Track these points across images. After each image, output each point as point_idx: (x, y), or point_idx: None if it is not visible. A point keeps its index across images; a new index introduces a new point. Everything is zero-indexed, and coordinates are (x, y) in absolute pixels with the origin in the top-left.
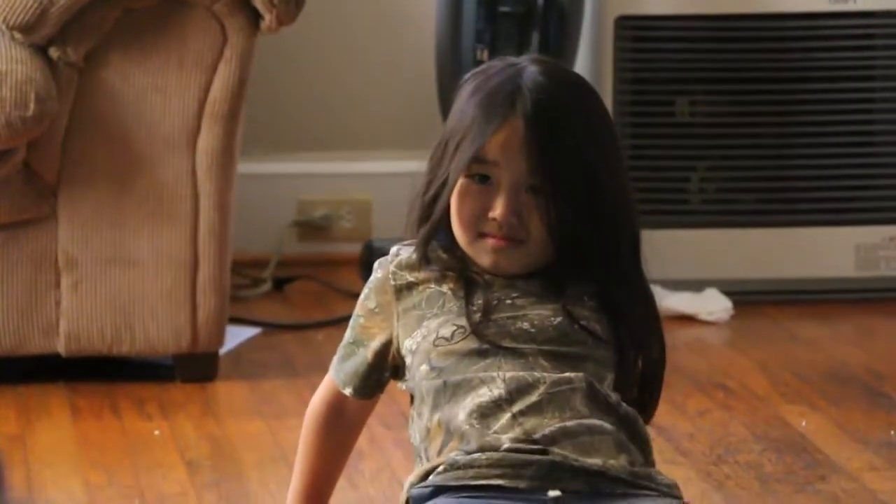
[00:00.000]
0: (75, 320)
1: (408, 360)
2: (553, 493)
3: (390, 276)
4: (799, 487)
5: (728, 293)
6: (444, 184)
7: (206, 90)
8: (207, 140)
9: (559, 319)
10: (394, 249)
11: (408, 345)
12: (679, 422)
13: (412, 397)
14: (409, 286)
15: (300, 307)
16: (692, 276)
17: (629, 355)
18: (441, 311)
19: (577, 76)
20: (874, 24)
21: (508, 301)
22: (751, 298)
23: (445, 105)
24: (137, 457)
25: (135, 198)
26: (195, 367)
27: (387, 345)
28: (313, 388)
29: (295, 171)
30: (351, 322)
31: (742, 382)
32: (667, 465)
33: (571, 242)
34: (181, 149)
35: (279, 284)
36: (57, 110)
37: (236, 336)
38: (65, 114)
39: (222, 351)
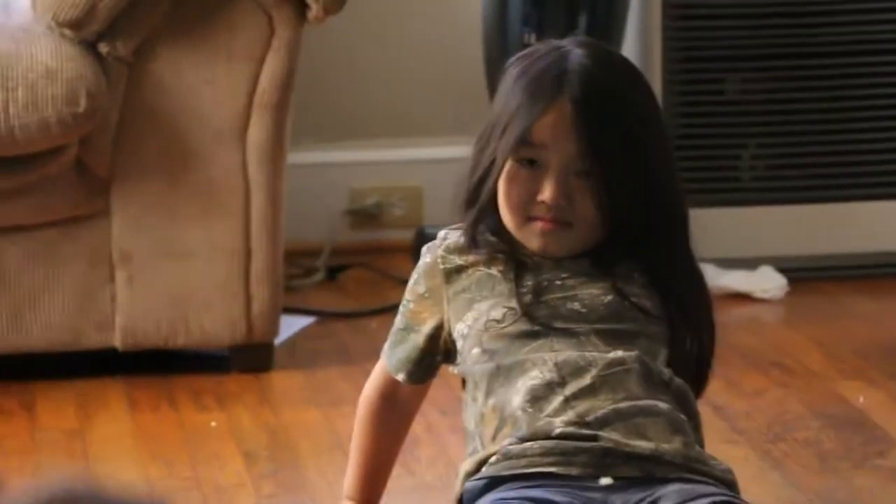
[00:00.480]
0: (130, 314)
1: (459, 344)
2: (605, 481)
3: (439, 259)
4: (857, 463)
5: (782, 270)
6: (490, 167)
7: (255, 82)
8: (257, 131)
9: (610, 297)
10: (441, 233)
11: (459, 328)
12: (735, 400)
13: (464, 382)
14: (459, 269)
15: (353, 295)
16: (745, 254)
17: (681, 331)
18: (491, 293)
19: (623, 58)
20: None
21: (558, 282)
22: (805, 275)
23: (493, 90)
24: (195, 448)
25: (186, 191)
26: (250, 357)
27: (438, 329)
28: (368, 375)
29: (345, 159)
30: (401, 308)
31: (798, 360)
32: (724, 445)
33: (622, 223)
34: (231, 141)
35: (332, 273)
36: (108, 106)
37: (291, 326)
38: (115, 109)
39: (277, 341)
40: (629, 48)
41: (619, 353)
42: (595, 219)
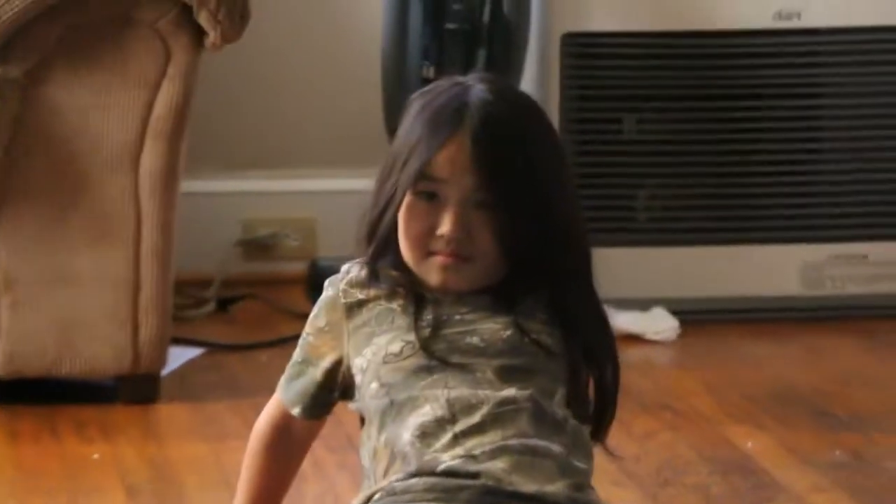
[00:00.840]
0: (14, 341)
1: (358, 379)
2: None
3: (341, 294)
4: None
5: (675, 312)
6: (390, 201)
7: (150, 108)
8: (150, 159)
9: (509, 332)
10: (345, 267)
11: (358, 363)
12: (625, 443)
13: (362, 419)
14: (360, 304)
15: (245, 327)
16: (639, 294)
17: (581, 370)
18: (391, 327)
19: (524, 94)
20: (819, 42)
21: (458, 316)
22: (698, 317)
23: (391, 123)
24: (76, 482)
25: (76, 217)
26: (137, 388)
27: (337, 364)
28: (258, 410)
29: (239, 189)
30: (300, 341)
31: (689, 403)
32: (613, 487)
33: (523, 258)
34: (124, 168)
35: (223, 304)
36: None
37: (179, 357)
38: (6, 131)
39: (165, 372)
40: (527, 85)
41: (512, 392)
42: (495, 253)
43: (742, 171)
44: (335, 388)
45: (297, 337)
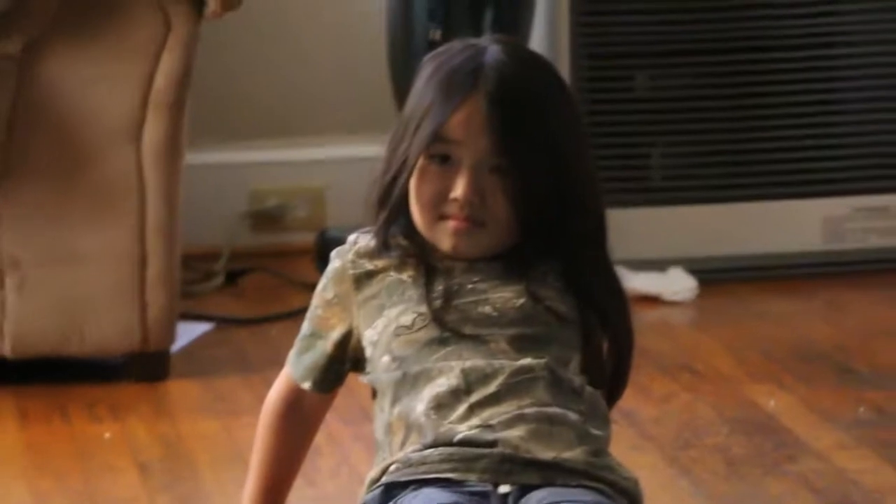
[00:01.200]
0: (21, 322)
1: (368, 352)
2: (503, 489)
3: (349, 264)
4: (767, 469)
5: (693, 272)
6: (402, 166)
7: (150, 80)
8: (153, 131)
9: (522, 301)
10: (351, 238)
11: (369, 335)
12: (644, 406)
13: (374, 391)
14: (369, 275)
15: (254, 301)
16: (655, 255)
17: (595, 336)
18: (401, 299)
19: (540, 56)
20: None
21: (470, 286)
22: (716, 276)
23: (398, 88)
24: (88, 461)
25: (79, 193)
26: (146, 366)
27: (347, 336)
28: (269, 384)
29: (245, 160)
30: (308, 314)
31: (708, 363)
32: (632, 452)
33: (537, 224)
34: (126, 141)
35: (232, 277)
36: None
37: (188, 332)
38: (4, 108)
39: (174, 348)
40: (536, 44)
41: (528, 361)
42: (508, 218)
43: (758, 125)
44: (346, 360)
45: (307, 309)
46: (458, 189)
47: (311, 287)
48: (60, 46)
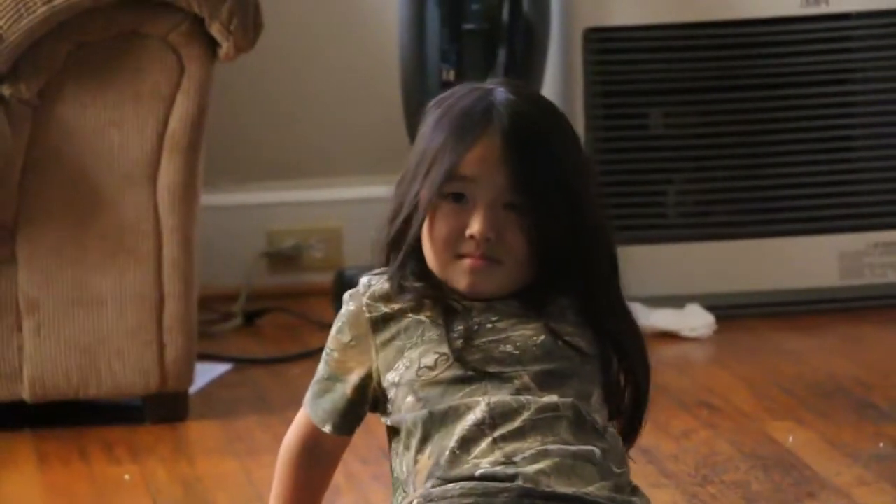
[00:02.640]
0: (39, 365)
1: (391, 394)
2: None
3: (364, 308)
4: None
5: (710, 308)
6: (416, 207)
7: (165, 122)
8: (168, 174)
9: (542, 337)
10: (364, 280)
11: (390, 378)
12: (663, 442)
13: (391, 430)
14: (385, 318)
15: (272, 341)
16: (673, 292)
17: (612, 369)
18: (421, 340)
19: (544, 97)
20: (849, 26)
21: (489, 325)
22: (734, 312)
23: (412, 128)
24: (107, 503)
25: (95, 236)
26: (165, 407)
27: (366, 379)
28: (288, 424)
29: (262, 200)
30: (323, 357)
31: (727, 399)
32: (651, 489)
33: (553, 260)
34: (141, 184)
35: (250, 318)
36: (11, 150)
37: (207, 373)
38: (20, 153)
39: (192, 389)
40: (551, 83)
41: (554, 399)
42: (525, 255)
43: (773, 161)
44: (365, 402)
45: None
46: (475, 226)
47: (329, 327)
48: (75, 90)
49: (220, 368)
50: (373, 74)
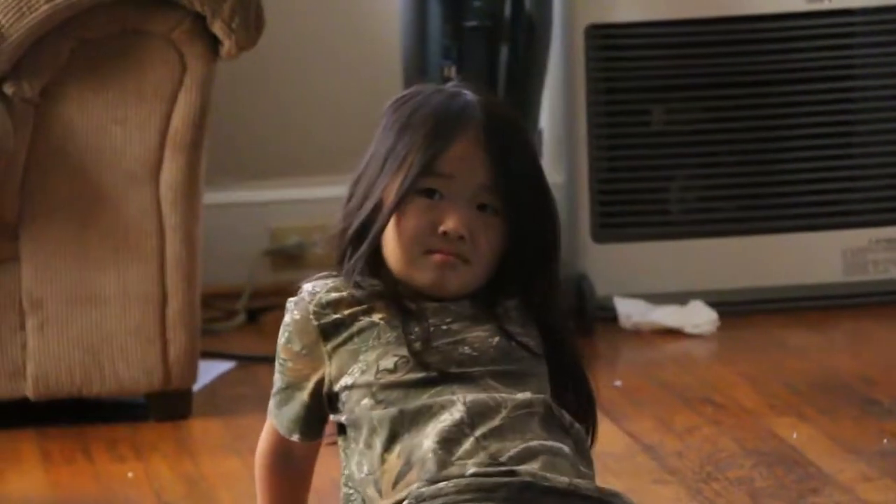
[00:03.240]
0: (43, 362)
1: (343, 396)
2: None
3: (312, 316)
4: (791, 502)
5: (713, 304)
6: (379, 204)
7: (167, 120)
8: (171, 171)
9: (497, 339)
10: (308, 287)
11: (343, 381)
12: (667, 439)
13: (341, 428)
14: (336, 323)
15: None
16: (676, 288)
17: (559, 369)
18: (377, 342)
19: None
20: (852, 22)
21: (444, 327)
22: (737, 309)
23: None
24: (111, 501)
25: (98, 234)
26: (168, 405)
27: (319, 384)
28: None
29: (265, 198)
30: (277, 367)
31: (730, 396)
32: (655, 485)
33: (514, 263)
34: (144, 182)
35: (253, 315)
36: (14, 148)
37: (210, 371)
38: (22, 151)
39: (196, 387)
40: (553, 80)
41: (528, 396)
42: (492, 256)
43: (776, 157)
44: (324, 406)
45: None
46: (450, 222)
47: None
48: (77, 89)
49: (224, 366)
50: (374, 71)
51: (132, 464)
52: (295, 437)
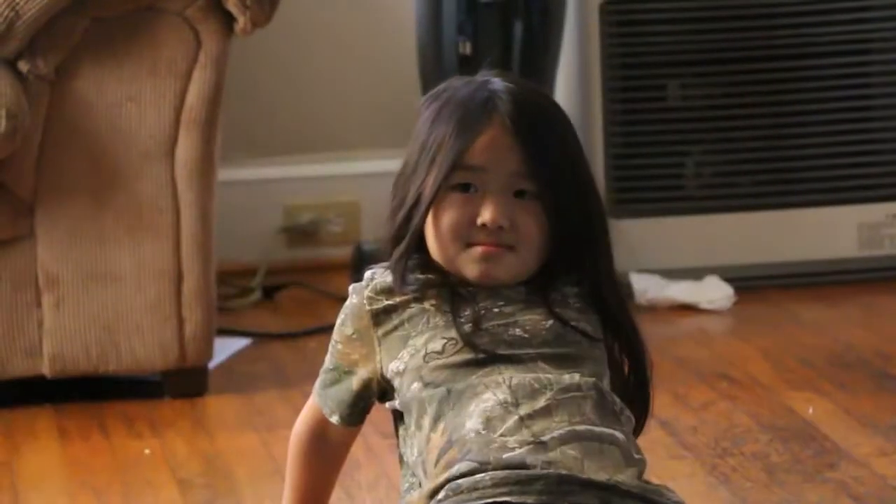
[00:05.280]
0: (59, 340)
1: (395, 383)
2: None
3: (366, 301)
4: (807, 477)
5: (729, 280)
6: (419, 199)
7: (182, 97)
8: (186, 148)
9: (550, 322)
10: (368, 274)
11: (393, 367)
12: (682, 415)
13: (398, 416)
14: (387, 310)
15: (291, 315)
16: (691, 264)
17: (615, 355)
18: (426, 327)
19: (537, 85)
20: None
21: (496, 309)
22: (752, 284)
23: None
24: (128, 477)
25: (114, 211)
26: (184, 382)
27: (371, 373)
28: (307, 398)
29: (279, 175)
30: (330, 347)
31: (746, 371)
32: (671, 461)
33: (562, 246)
34: (159, 159)
35: (269, 293)
36: (29, 126)
37: (226, 348)
38: (38, 129)
39: (212, 364)
40: (567, 56)
41: (576, 378)
42: (538, 242)
43: (792, 132)
44: (371, 394)
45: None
46: (486, 214)
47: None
48: (91, 66)
49: (239, 343)
50: (389, 48)
51: (148, 441)
52: (335, 419)
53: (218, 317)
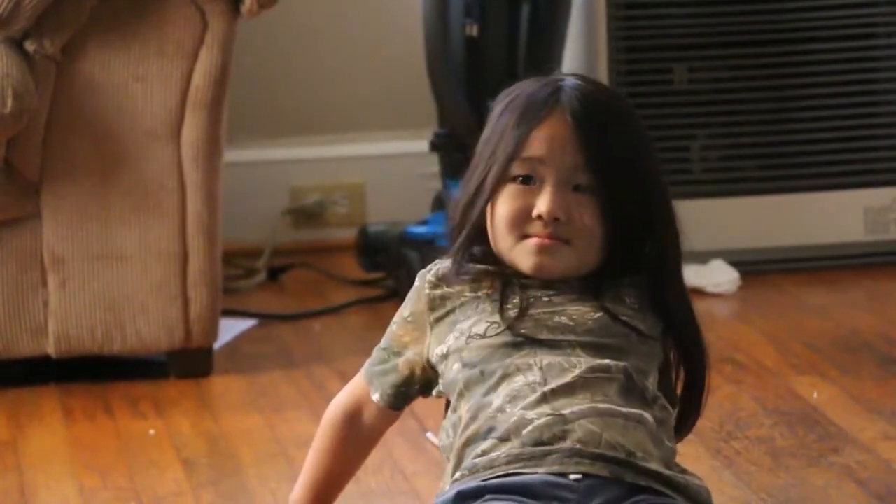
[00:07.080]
0: (64, 320)
1: (440, 368)
2: (574, 476)
3: (427, 285)
4: (812, 461)
5: (734, 264)
6: (480, 188)
7: (189, 78)
8: (192, 129)
9: (599, 314)
10: (435, 263)
11: (438, 351)
12: None
13: (447, 404)
14: (444, 296)
15: (296, 296)
16: (696, 247)
17: (670, 360)
18: (474, 312)
19: (611, 88)
20: None
21: (545, 299)
22: (758, 268)
23: (435, 83)
24: (132, 457)
25: (120, 191)
26: (189, 362)
27: (417, 354)
28: (312, 380)
29: (285, 156)
30: (388, 327)
31: (751, 355)
32: None
33: (621, 243)
34: (165, 139)
35: (274, 274)
36: (36, 105)
37: (231, 329)
38: (44, 108)
39: (217, 345)
40: (574, 39)
41: (606, 361)
42: (595, 236)
43: (798, 116)
44: (415, 381)
45: (348, 304)
46: (542, 206)
47: (353, 283)
48: (98, 47)
49: (245, 324)
50: (396, 29)
51: (153, 421)
52: (376, 397)
53: (223, 298)
